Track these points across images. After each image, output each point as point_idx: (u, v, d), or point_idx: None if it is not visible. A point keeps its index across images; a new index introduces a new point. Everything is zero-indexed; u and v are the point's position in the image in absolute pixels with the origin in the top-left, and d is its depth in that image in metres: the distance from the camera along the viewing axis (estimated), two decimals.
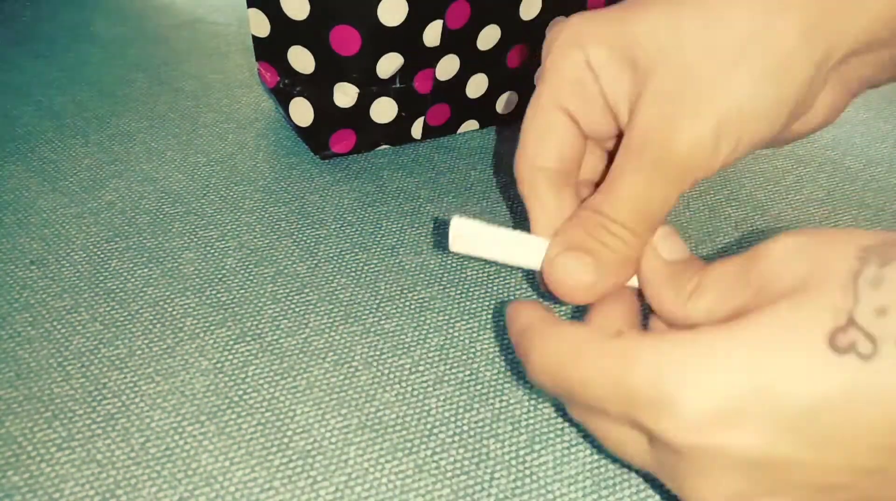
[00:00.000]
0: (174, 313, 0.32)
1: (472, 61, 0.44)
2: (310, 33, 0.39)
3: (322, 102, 0.41)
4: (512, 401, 0.30)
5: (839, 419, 0.16)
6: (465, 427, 0.28)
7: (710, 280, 0.20)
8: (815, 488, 0.16)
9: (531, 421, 0.29)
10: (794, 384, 0.16)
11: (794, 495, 0.17)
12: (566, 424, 0.29)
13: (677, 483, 0.19)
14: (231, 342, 0.31)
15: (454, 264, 0.36)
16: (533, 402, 0.30)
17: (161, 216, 0.38)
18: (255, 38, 0.41)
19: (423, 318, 0.33)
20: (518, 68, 0.46)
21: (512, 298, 0.35)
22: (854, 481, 0.16)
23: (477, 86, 0.45)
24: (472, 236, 0.25)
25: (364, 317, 0.33)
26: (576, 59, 0.23)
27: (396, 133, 0.44)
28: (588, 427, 0.22)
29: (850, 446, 0.16)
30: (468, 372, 0.31)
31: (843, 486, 0.16)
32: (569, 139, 0.25)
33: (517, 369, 0.31)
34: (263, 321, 0.32)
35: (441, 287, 0.35)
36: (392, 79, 0.41)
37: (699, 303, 0.20)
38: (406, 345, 0.32)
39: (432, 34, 0.40)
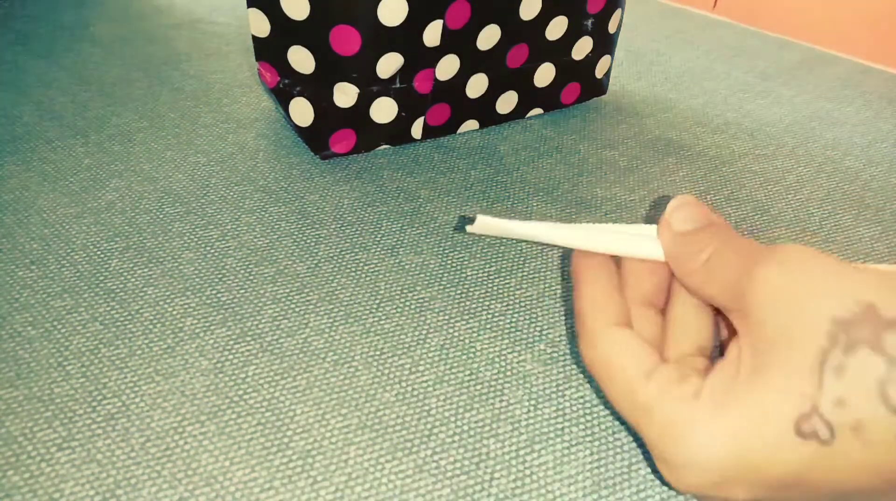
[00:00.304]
0: (174, 313, 0.32)
1: (472, 61, 0.44)
2: (310, 33, 0.39)
3: (322, 102, 0.41)
4: (512, 401, 0.30)
5: (803, 485, 0.19)
6: (465, 427, 0.28)
7: (717, 270, 0.22)
8: None
9: (531, 421, 0.29)
10: (769, 462, 0.19)
11: None
12: (566, 424, 0.29)
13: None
14: (231, 342, 0.31)
15: (454, 264, 0.36)
16: (533, 402, 0.30)
17: (161, 216, 0.38)
18: (255, 38, 0.41)
19: (423, 318, 0.33)
20: (518, 68, 0.46)
21: (512, 297, 0.35)
22: None
23: (477, 86, 0.45)
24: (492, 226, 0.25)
25: (364, 317, 0.33)
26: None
27: (396, 133, 0.44)
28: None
29: (808, 495, 0.20)
30: (468, 372, 0.31)
31: None
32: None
33: (517, 369, 0.31)
34: (263, 321, 0.32)
35: (441, 287, 0.35)
36: (392, 79, 0.41)
37: (711, 287, 0.22)
38: (406, 345, 0.32)
39: (432, 34, 0.40)
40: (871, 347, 0.18)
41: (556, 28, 0.45)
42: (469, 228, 0.24)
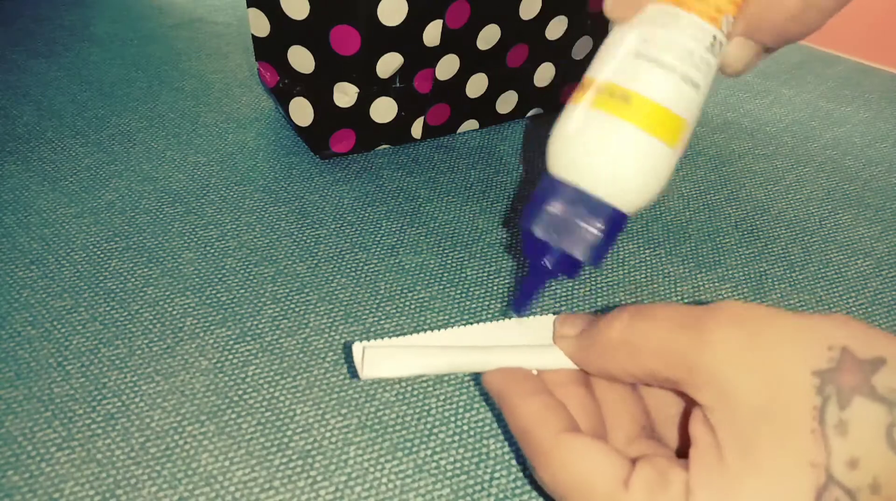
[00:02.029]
0: (174, 313, 0.32)
1: (472, 61, 0.44)
2: (310, 33, 0.39)
3: (322, 102, 0.41)
4: None
5: None
6: (465, 427, 0.28)
7: (643, 343, 0.20)
8: None
9: None
10: None
11: None
12: None
13: None
14: (231, 342, 0.31)
15: (454, 264, 0.36)
16: None
17: (161, 216, 0.38)
18: (255, 38, 0.41)
19: (423, 318, 0.33)
20: (518, 68, 0.46)
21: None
22: None
23: (477, 86, 0.45)
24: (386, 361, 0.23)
25: (364, 317, 0.33)
26: None
27: (396, 133, 0.44)
28: None
29: None
30: (468, 372, 0.31)
31: None
32: None
33: None
34: (263, 321, 0.32)
35: (441, 287, 0.35)
36: (392, 79, 0.41)
37: (643, 363, 0.20)
38: None
39: (432, 34, 0.40)
40: (864, 395, 0.17)
41: (556, 28, 0.45)
42: (363, 372, 0.23)
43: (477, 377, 0.30)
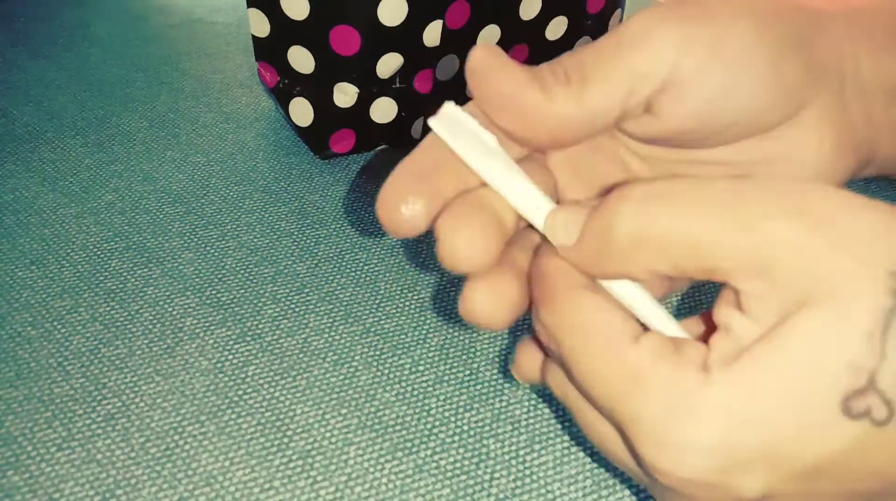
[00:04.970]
0: (174, 313, 0.32)
1: None
2: (310, 33, 0.39)
3: (322, 102, 0.41)
4: (512, 401, 0.30)
5: (839, 474, 0.16)
6: (465, 427, 0.28)
7: (670, 236, 0.17)
8: None
9: (531, 421, 0.29)
10: (802, 446, 0.15)
11: None
12: (566, 424, 0.29)
13: (662, 497, 0.19)
14: (231, 342, 0.31)
15: None
16: (533, 402, 0.30)
17: (161, 216, 0.38)
18: (255, 38, 0.41)
19: (423, 318, 0.33)
20: None
21: None
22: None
23: None
24: (461, 124, 0.20)
25: (364, 317, 0.33)
26: None
27: (396, 133, 0.44)
28: (569, 405, 0.20)
29: (847, 487, 0.16)
30: (468, 372, 0.31)
31: None
32: None
33: None
34: (263, 321, 0.32)
35: (441, 287, 0.35)
36: (392, 79, 0.41)
37: (672, 257, 0.17)
38: (406, 345, 0.32)
39: (432, 34, 0.40)
40: None
41: (556, 28, 0.45)
42: (433, 121, 0.20)
43: (477, 378, 0.30)
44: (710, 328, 0.19)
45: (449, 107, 0.21)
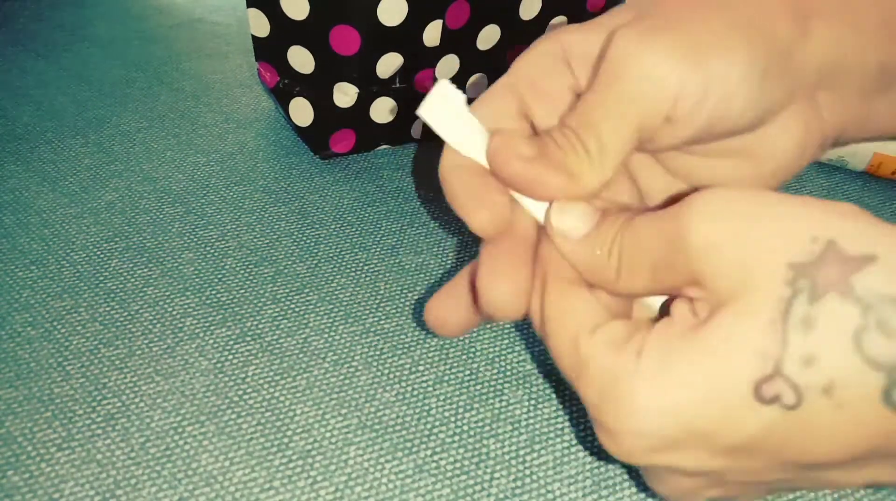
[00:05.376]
0: (174, 313, 0.32)
1: (472, 61, 0.44)
2: (310, 33, 0.39)
3: (322, 102, 0.41)
4: (512, 401, 0.30)
5: (763, 453, 0.17)
6: (465, 427, 0.28)
7: (636, 265, 0.20)
8: (745, 482, 0.19)
9: (531, 421, 0.29)
10: (722, 429, 0.17)
11: (730, 487, 0.20)
12: (566, 424, 0.29)
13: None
14: (231, 342, 0.31)
15: (454, 264, 0.36)
16: (533, 402, 0.30)
17: (161, 216, 0.38)
18: (255, 38, 0.41)
19: (423, 318, 0.33)
20: None
21: None
22: (773, 478, 0.19)
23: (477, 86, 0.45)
24: (452, 106, 0.21)
25: (364, 317, 0.33)
26: (551, 50, 0.22)
27: (396, 133, 0.44)
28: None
29: (769, 463, 0.18)
30: (468, 372, 0.31)
31: (765, 481, 0.19)
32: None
33: (517, 369, 0.31)
34: (263, 321, 0.32)
35: (441, 287, 0.35)
36: (392, 79, 0.41)
37: (640, 281, 0.20)
38: (406, 345, 0.32)
39: (432, 34, 0.40)
40: (840, 292, 0.16)
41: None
42: (422, 110, 0.21)
43: (477, 378, 0.30)
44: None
45: (442, 85, 0.21)
